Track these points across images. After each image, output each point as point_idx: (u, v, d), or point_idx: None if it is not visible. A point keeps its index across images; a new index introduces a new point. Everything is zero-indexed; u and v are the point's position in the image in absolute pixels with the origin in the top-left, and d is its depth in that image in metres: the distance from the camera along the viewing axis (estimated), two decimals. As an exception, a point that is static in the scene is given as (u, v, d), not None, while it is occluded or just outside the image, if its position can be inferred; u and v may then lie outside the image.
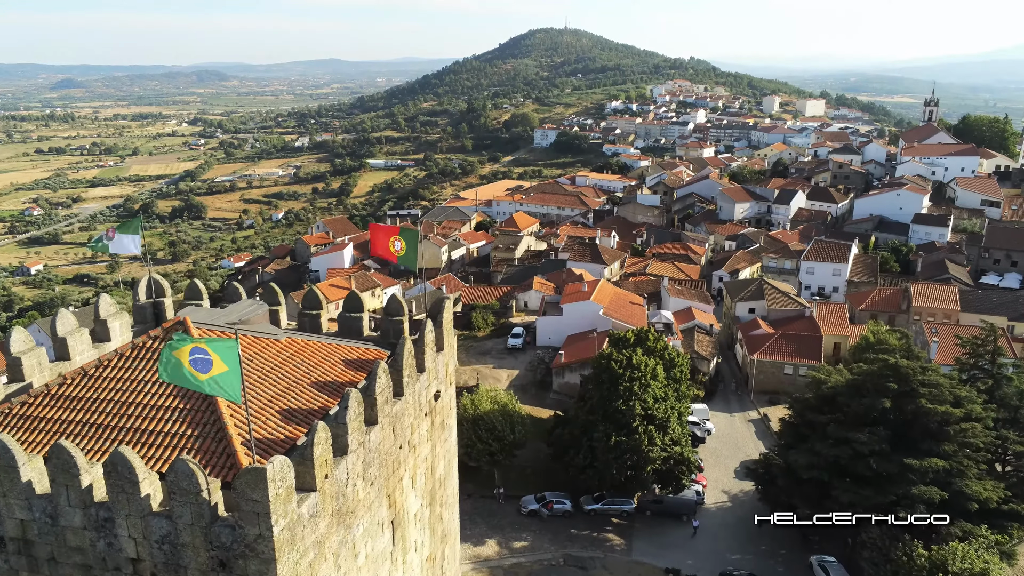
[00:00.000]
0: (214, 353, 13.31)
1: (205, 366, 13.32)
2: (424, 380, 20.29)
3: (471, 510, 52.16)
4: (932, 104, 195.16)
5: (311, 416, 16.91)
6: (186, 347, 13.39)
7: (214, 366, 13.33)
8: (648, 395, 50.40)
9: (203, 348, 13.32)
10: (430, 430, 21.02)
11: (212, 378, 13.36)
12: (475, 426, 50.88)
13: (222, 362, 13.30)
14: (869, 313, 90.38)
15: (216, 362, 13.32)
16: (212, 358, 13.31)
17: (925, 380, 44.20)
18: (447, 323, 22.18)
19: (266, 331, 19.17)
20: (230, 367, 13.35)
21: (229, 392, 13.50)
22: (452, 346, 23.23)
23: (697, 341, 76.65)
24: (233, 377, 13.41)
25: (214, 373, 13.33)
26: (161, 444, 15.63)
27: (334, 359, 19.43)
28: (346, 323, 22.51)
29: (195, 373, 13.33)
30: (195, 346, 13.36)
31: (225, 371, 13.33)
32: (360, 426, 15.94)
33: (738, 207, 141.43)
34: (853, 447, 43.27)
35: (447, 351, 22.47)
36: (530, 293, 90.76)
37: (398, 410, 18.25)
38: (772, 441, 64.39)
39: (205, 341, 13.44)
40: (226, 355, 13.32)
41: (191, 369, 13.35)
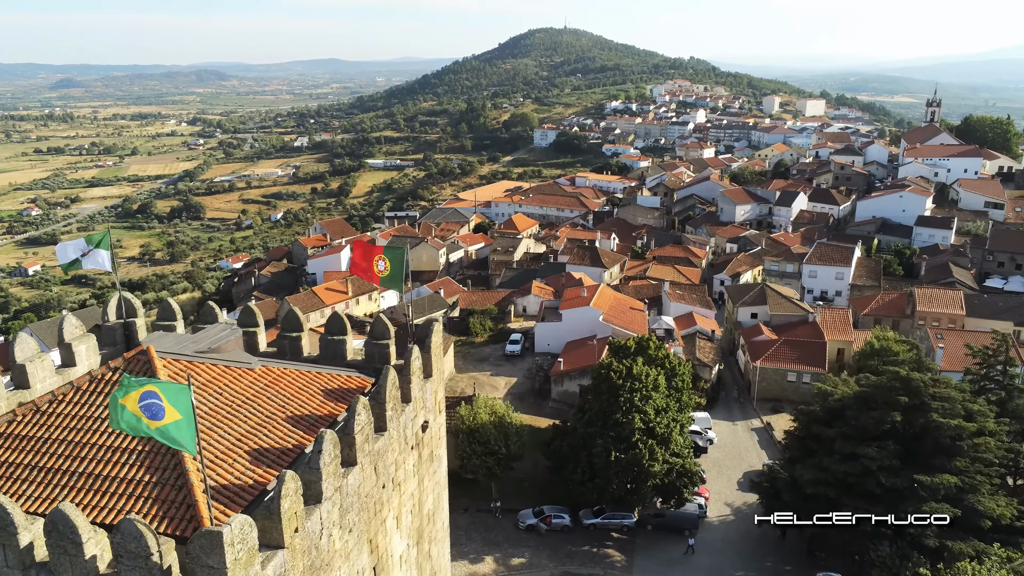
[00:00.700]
0: (165, 399, 11.91)
1: (157, 412, 11.92)
2: (410, 411, 18.87)
3: (467, 525, 50.81)
4: (934, 104, 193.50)
5: (284, 456, 15.48)
6: (135, 391, 11.98)
7: (167, 413, 11.92)
8: (649, 407, 48.98)
9: (155, 392, 11.90)
10: (417, 464, 19.61)
11: (165, 427, 11.96)
12: (470, 439, 49.48)
13: (174, 409, 11.91)
14: (873, 318, 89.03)
15: (168, 409, 11.92)
16: (164, 404, 11.91)
17: (936, 393, 42.81)
18: (436, 347, 20.76)
19: (238, 359, 17.75)
20: (183, 415, 11.96)
21: (183, 443, 12.09)
22: (441, 371, 21.80)
23: (699, 347, 75.24)
24: (186, 426, 12.00)
25: (167, 421, 11.93)
26: (115, 492, 14.20)
27: (313, 389, 18.00)
28: (328, 347, 21.09)
29: (146, 420, 11.94)
30: (146, 390, 11.95)
31: (178, 419, 11.93)
32: (336, 470, 14.53)
33: (739, 209, 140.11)
34: (862, 462, 41.85)
35: (436, 377, 21.04)
36: (529, 298, 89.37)
37: (381, 447, 16.85)
38: (775, 451, 63.10)
39: (156, 384, 12.02)
40: (178, 402, 11.93)
41: (142, 416, 11.95)
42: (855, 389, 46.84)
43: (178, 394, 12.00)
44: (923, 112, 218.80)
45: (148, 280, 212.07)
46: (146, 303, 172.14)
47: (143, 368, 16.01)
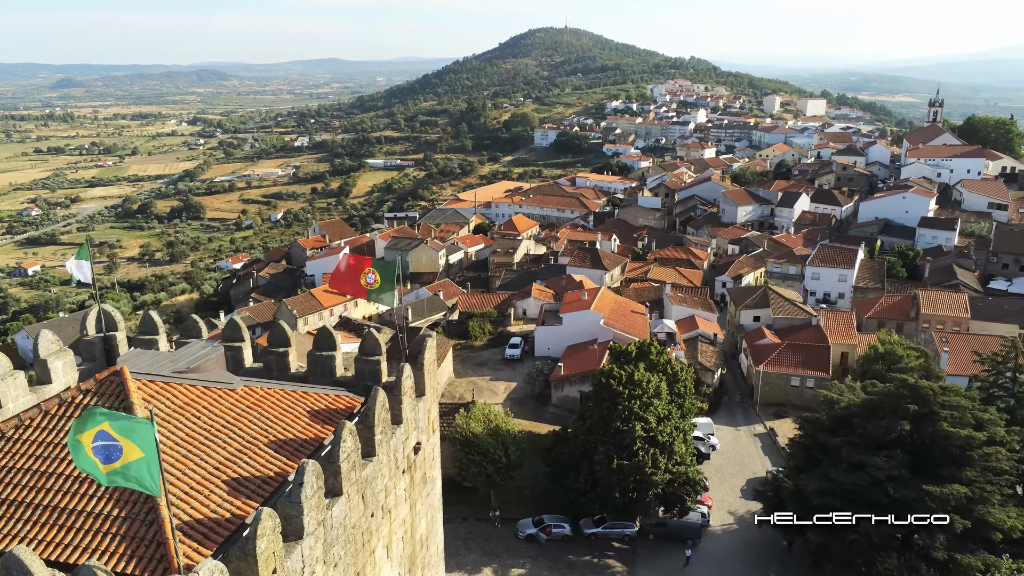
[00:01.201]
0: (123, 437, 10.89)
1: (112, 454, 10.92)
2: (401, 433, 17.92)
3: (465, 534, 49.84)
4: (937, 105, 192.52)
5: (266, 485, 14.54)
6: (90, 431, 10.96)
7: (124, 453, 10.92)
8: (650, 414, 47.99)
9: (108, 433, 10.86)
10: (409, 488, 18.66)
11: (123, 467, 10.95)
12: (467, 449, 48.50)
13: (135, 446, 10.93)
14: (877, 321, 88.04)
15: (127, 448, 10.92)
16: (121, 444, 10.90)
17: (946, 402, 41.81)
18: (428, 364, 19.80)
19: (218, 380, 16.81)
20: (146, 452, 10.98)
21: (144, 483, 11.10)
22: (435, 388, 20.85)
23: (701, 351, 74.24)
24: (149, 464, 11.00)
25: (124, 461, 10.93)
26: (81, 528, 13.25)
27: (298, 410, 17.05)
28: (316, 363, 20.12)
29: (100, 465, 10.94)
30: (100, 429, 10.92)
31: (140, 458, 10.95)
32: (320, 502, 13.59)
33: (741, 210, 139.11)
34: (869, 472, 40.86)
35: (429, 395, 20.09)
36: (529, 301, 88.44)
37: (369, 474, 15.90)
38: (778, 458, 62.09)
39: (111, 421, 11.00)
40: (140, 439, 10.95)
41: (96, 460, 10.95)
42: (862, 397, 45.83)
43: (140, 430, 11.02)
44: (924, 112, 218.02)
45: (147, 281, 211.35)
46: (144, 304, 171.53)
47: (115, 390, 15.08)
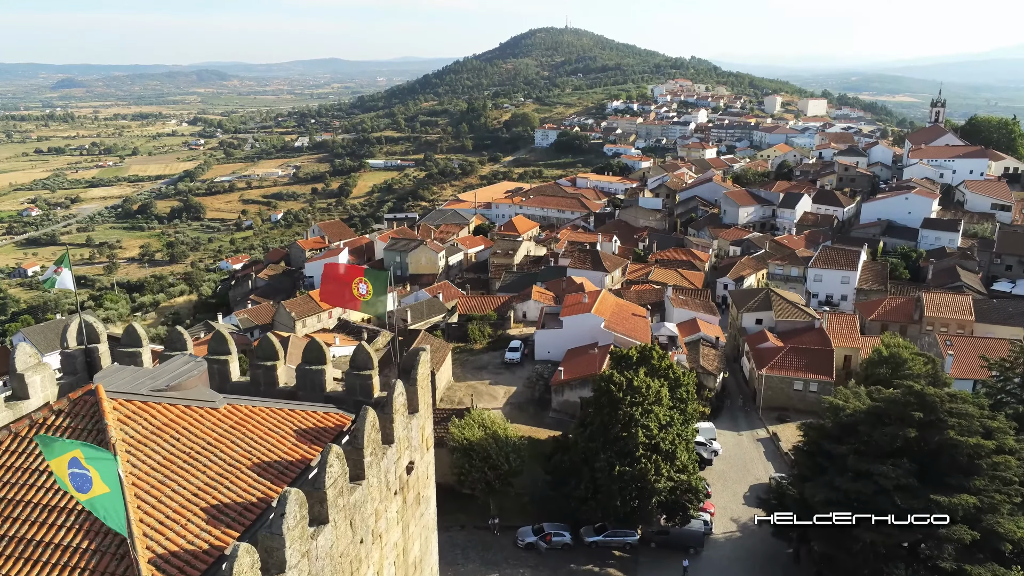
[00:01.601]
0: (92, 468, 10.17)
1: (83, 484, 10.20)
2: (393, 453, 17.10)
3: (464, 543, 49.07)
4: (939, 105, 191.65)
5: (248, 512, 13.74)
6: (64, 455, 10.23)
7: (93, 485, 10.19)
8: (651, 421, 47.17)
9: (79, 460, 10.16)
10: (401, 510, 17.85)
11: (92, 500, 10.22)
12: (468, 455, 47.67)
13: (102, 482, 10.18)
14: (880, 324, 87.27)
15: (95, 481, 10.18)
16: (91, 475, 10.18)
17: (953, 409, 40.95)
18: (422, 379, 18.99)
19: (200, 398, 16.02)
20: (111, 488, 10.22)
21: (111, 520, 10.35)
22: (428, 404, 20.03)
23: (702, 355, 73.42)
24: (114, 501, 10.24)
25: (94, 494, 10.21)
26: (49, 561, 12.41)
27: (284, 430, 16.25)
28: (306, 377, 19.31)
29: (74, 492, 10.21)
30: (73, 456, 10.20)
31: (106, 493, 10.20)
32: (303, 532, 12.78)
33: (742, 211, 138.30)
34: (876, 481, 40.01)
35: (423, 412, 19.28)
36: (529, 303, 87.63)
37: (358, 498, 15.09)
38: (782, 463, 61.34)
39: (80, 448, 10.23)
40: (105, 474, 10.19)
41: (70, 486, 10.22)
42: (867, 403, 44.97)
43: (104, 465, 10.25)
44: (924, 112, 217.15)
45: (146, 281, 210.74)
46: (143, 306, 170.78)
47: (90, 411, 14.28)
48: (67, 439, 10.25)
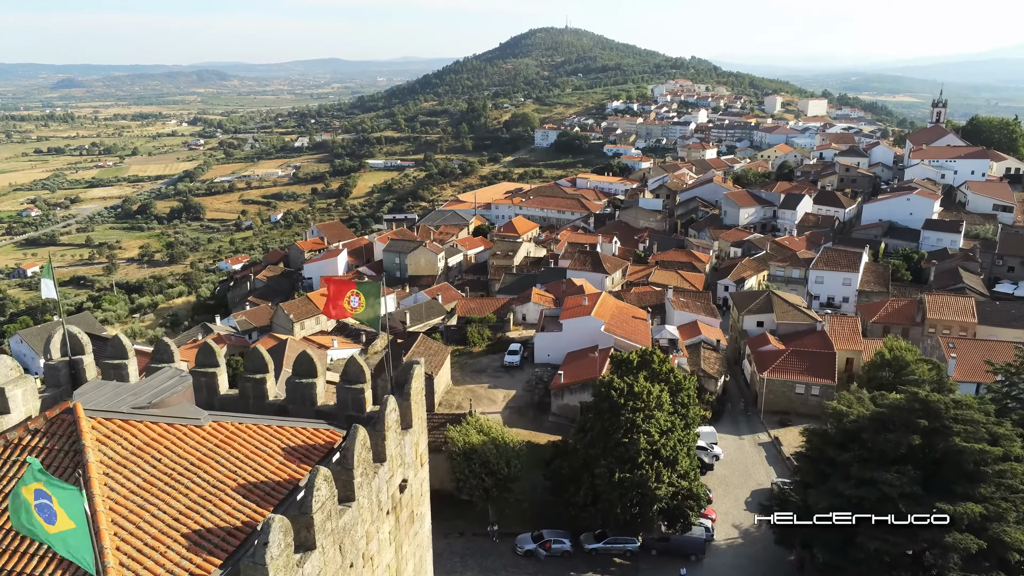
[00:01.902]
0: (56, 501, 9.57)
1: (51, 516, 9.61)
2: (385, 472, 16.50)
3: (463, 550, 48.49)
4: (940, 105, 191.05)
5: (232, 537, 13.15)
6: (31, 485, 9.63)
7: (58, 519, 9.60)
8: (652, 427, 46.58)
9: (45, 492, 9.57)
10: (394, 530, 17.26)
11: (60, 534, 9.64)
12: (467, 460, 47.08)
13: (66, 516, 9.58)
14: (882, 326, 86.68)
15: (60, 515, 9.59)
16: (55, 508, 9.58)
17: (959, 416, 40.37)
18: (416, 394, 18.38)
19: (184, 415, 15.43)
20: (76, 524, 9.62)
21: (78, 558, 9.75)
22: (422, 419, 19.43)
23: (703, 358, 72.83)
24: (81, 537, 9.64)
25: (59, 529, 9.62)
26: (19, 594, 11.91)
27: (272, 448, 15.67)
28: (296, 391, 18.72)
29: (42, 523, 9.63)
30: (38, 487, 9.59)
31: (71, 528, 9.61)
32: (288, 561, 12.17)
33: (743, 212, 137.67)
34: (880, 488, 39.43)
35: (416, 427, 18.68)
36: (528, 305, 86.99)
37: (347, 521, 14.50)
38: (783, 468, 60.77)
39: (46, 481, 9.64)
40: (70, 507, 9.59)
41: (38, 517, 9.63)
42: (871, 409, 44.39)
43: (68, 498, 9.65)
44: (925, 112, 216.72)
45: (145, 282, 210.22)
46: (142, 307, 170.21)
47: (67, 430, 13.69)
48: (34, 469, 9.64)
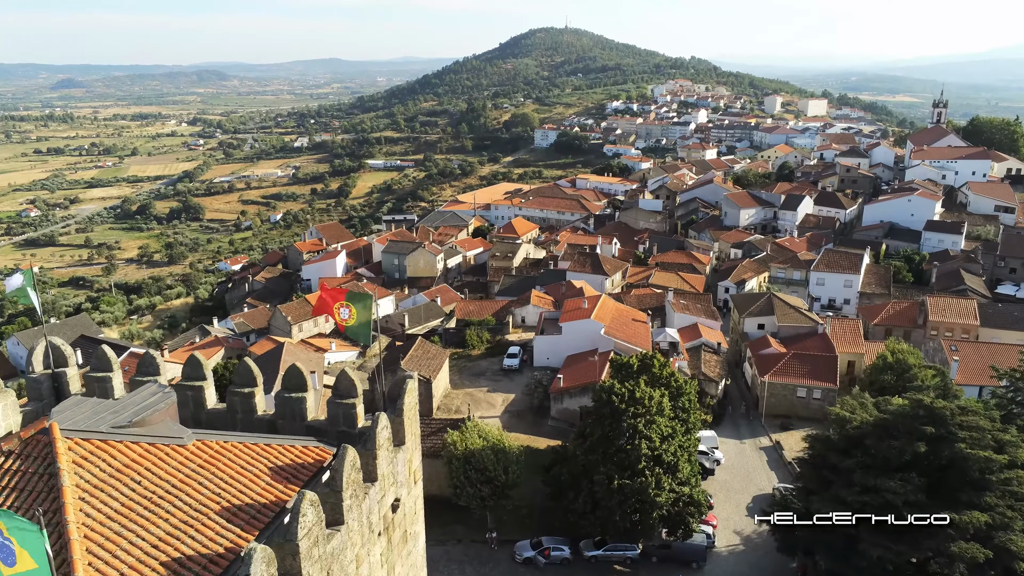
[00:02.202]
0: (16, 541, 8.98)
1: (8, 556, 9.02)
2: (376, 492, 15.90)
3: (460, 557, 47.88)
4: (941, 105, 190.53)
5: (214, 565, 12.58)
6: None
7: (18, 559, 9.01)
8: (653, 432, 45.94)
9: (3, 534, 8.95)
10: (386, 551, 16.66)
11: (21, 575, 9.05)
12: (465, 466, 46.47)
13: (29, 557, 9.00)
14: (884, 328, 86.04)
15: (20, 554, 9.00)
16: (14, 547, 8.99)
17: (964, 423, 39.77)
18: (409, 409, 17.79)
19: (166, 434, 14.83)
20: (39, 564, 9.04)
21: (42, 600, 9.19)
22: (416, 435, 18.84)
23: (704, 361, 72.21)
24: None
25: (21, 569, 9.03)
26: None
27: (258, 468, 15.08)
28: (285, 406, 18.12)
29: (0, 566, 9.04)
30: None
31: (33, 569, 9.02)
32: (271, 592, 11.63)
33: (743, 213, 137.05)
34: (884, 496, 38.81)
35: (410, 444, 18.09)
36: (528, 308, 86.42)
37: (336, 546, 13.91)
38: (785, 472, 60.16)
39: (6, 522, 9.04)
40: (32, 548, 9.01)
41: None
42: (875, 414, 43.76)
43: (31, 539, 9.06)
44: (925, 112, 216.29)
45: (144, 283, 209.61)
46: (140, 308, 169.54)
47: (42, 452, 13.12)
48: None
